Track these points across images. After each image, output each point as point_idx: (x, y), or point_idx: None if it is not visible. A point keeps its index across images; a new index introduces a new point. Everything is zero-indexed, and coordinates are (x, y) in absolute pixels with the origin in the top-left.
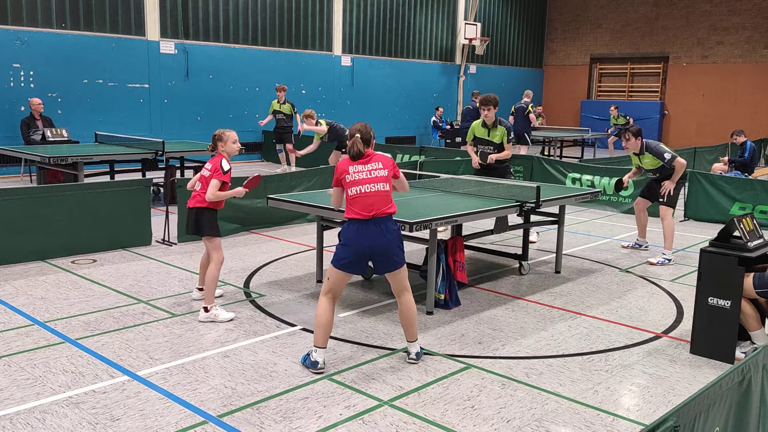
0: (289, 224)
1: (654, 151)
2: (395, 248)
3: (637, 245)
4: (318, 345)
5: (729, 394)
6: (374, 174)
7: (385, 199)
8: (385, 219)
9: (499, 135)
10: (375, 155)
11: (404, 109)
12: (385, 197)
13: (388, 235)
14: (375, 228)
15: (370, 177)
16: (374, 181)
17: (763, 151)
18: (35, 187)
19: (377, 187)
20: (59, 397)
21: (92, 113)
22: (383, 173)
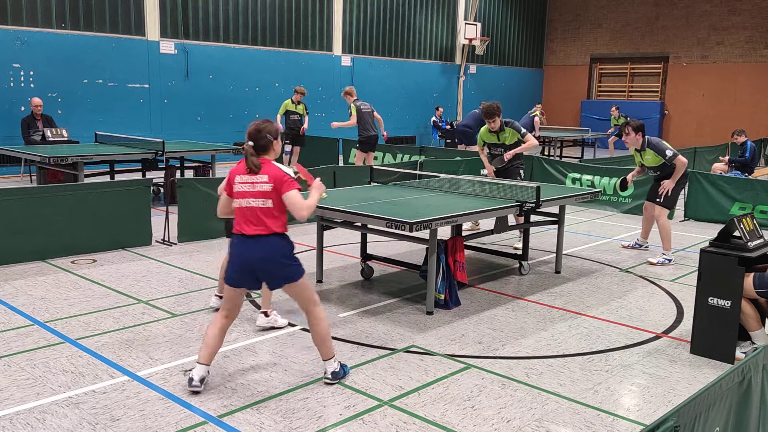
0: (289, 224)
1: (656, 147)
2: (280, 263)
3: (637, 245)
4: (200, 361)
5: (729, 394)
6: (257, 188)
7: (268, 217)
8: (268, 237)
9: (509, 136)
10: (267, 166)
11: (404, 109)
12: (268, 214)
13: (270, 249)
14: (255, 244)
15: (253, 191)
16: (255, 196)
17: (763, 151)
18: (35, 187)
19: (257, 203)
20: (59, 398)
21: (92, 113)
22: (266, 188)
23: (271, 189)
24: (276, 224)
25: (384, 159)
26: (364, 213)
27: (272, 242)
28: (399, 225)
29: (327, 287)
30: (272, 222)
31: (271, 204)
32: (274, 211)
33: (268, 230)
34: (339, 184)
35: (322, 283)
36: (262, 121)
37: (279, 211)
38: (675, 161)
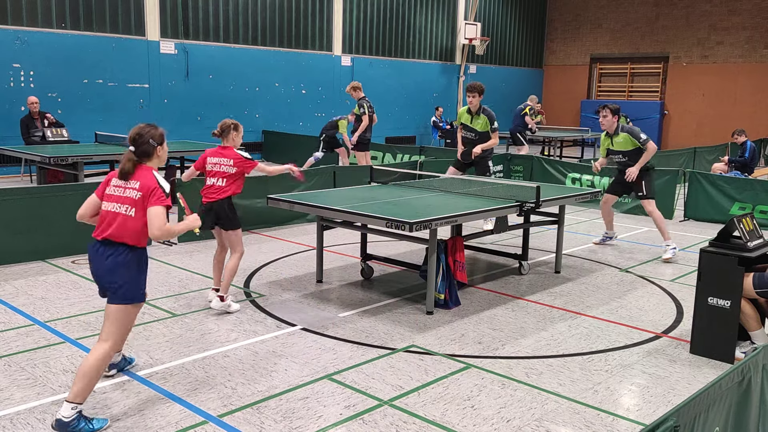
0: (289, 224)
1: (631, 131)
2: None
3: (606, 238)
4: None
5: (729, 394)
6: (126, 193)
7: (126, 226)
8: (117, 245)
9: (481, 123)
10: (142, 172)
11: (404, 109)
12: (126, 223)
13: (111, 259)
14: (102, 249)
15: (122, 196)
16: (122, 201)
17: (763, 151)
18: (35, 187)
19: (122, 209)
20: (59, 397)
21: (92, 113)
22: (134, 195)
23: (139, 198)
24: (131, 238)
25: (384, 159)
26: (364, 213)
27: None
28: (399, 225)
29: (327, 287)
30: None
31: (133, 213)
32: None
33: (118, 239)
34: (339, 184)
35: (322, 283)
36: (146, 125)
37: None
38: (648, 144)
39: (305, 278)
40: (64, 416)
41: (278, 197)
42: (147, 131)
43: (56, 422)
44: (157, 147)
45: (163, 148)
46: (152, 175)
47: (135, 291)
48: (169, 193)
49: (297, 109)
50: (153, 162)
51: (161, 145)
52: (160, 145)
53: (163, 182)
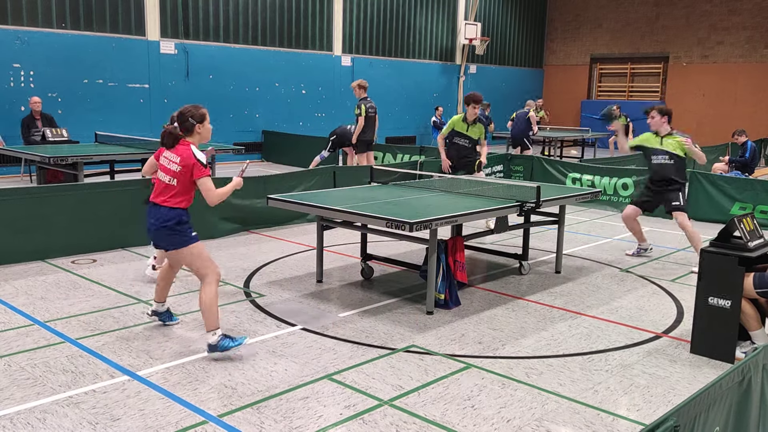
0: (289, 224)
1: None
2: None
3: (641, 251)
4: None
5: (729, 394)
6: (168, 166)
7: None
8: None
9: (477, 131)
10: (181, 147)
11: (404, 109)
12: (169, 190)
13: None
14: (155, 211)
15: (165, 167)
16: (165, 172)
17: (763, 151)
18: (35, 187)
19: (166, 179)
20: (59, 397)
21: (92, 113)
22: (175, 168)
23: (179, 170)
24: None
25: (384, 159)
26: (364, 213)
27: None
28: (399, 225)
29: (327, 287)
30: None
31: (175, 182)
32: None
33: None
34: (339, 184)
35: (322, 283)
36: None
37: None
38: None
39: (305, 278)
40: (210, 342)
41: (278, 197)
42: (188, 110)
43: (208, 347)
44: (197, 125)
45: (203, 126)
46: (189, 151)
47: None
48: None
49: (297, 109)
50: (194, 138)
51: (201, 123)
52: (200, 123)
53: (199, 155)
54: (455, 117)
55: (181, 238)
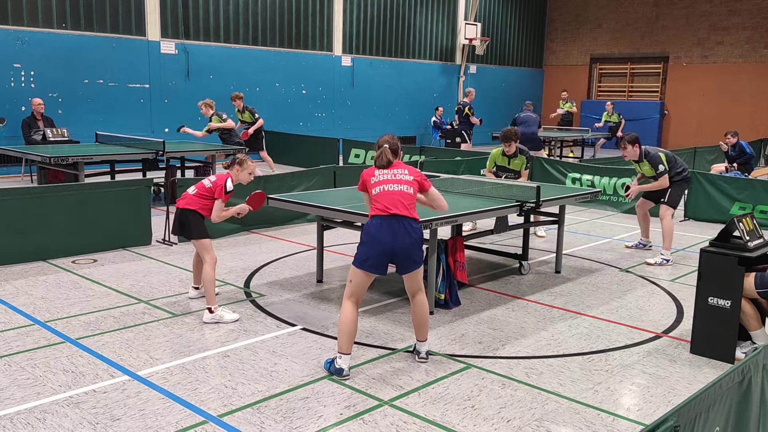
0: (289, 224)
1: (652, 159)
2: (416, 248)
3: (641, 245)
4: (342, 351)
5: (729, 394)
6: (399, 176)
7: (409, 201)
8: (409, 219)
9: (519, 163)
10: (401, 164)
11: (404, 109)
12: (409, 198)
13: (412, 234)
14: (398, 225)
15: (395, 179)
16: (398, 183)
17: (763, 151)
18: (36, 187)
19: (401, 187)
20: (60, 397)
21: (93, 113)
22: (408, 177)
23: (413, 179)
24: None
25: None
26: (364, 213)
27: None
28: None
29: (327, 287)
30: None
31: (412, 191)
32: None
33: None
34: (339, 183)
35: (323, 282)
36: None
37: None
38: (660, 178)
39: (305, 278)
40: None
41: (278, 197)
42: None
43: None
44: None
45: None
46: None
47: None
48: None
49: (297, 110)
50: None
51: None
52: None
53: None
54: (494, 151)
55: None
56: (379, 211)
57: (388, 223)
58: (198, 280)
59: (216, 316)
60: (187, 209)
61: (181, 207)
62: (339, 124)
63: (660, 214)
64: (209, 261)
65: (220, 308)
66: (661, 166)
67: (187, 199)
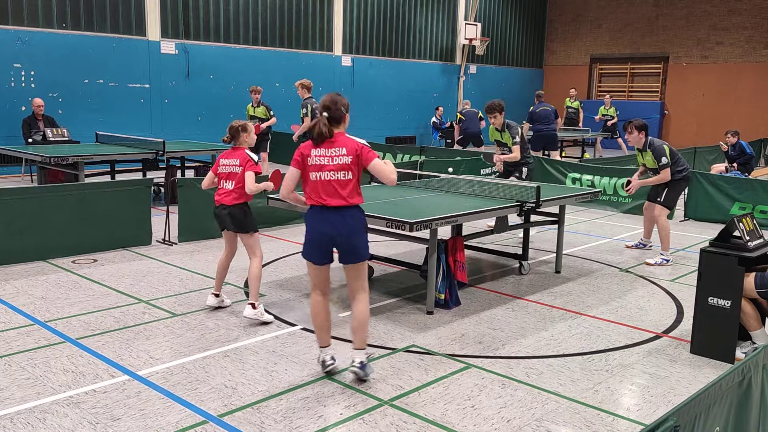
0: (289, 224)
1: (655, 150)
2: (357, 237)
3: (641, 245)
4: (321, 345)
5: (729, 394)
6: (336, 160)
7: (347, 188)
8: (347, 208)
9: (507, 137)
10: (341, 139)
11: (404, 109)
12: (347, 186)
13: (350, 221)
14: (336, 216)
15: (331, 164)
16: (334, 169)
17: (763, 151)
18: (36, 187)
19: (337, 175)
20: (60, 397)
21: (93, 113)
22: (346, 159)
23: (351, 161)
24: (356, 198)
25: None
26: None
27: (355, 216)
28: (399, 225)
29: None
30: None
31: (350, 176)
32: (352, 183)
33: (347, 203)
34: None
35: None
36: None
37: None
38: (662, 171)
39: (305, 278)
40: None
41: (278, 197)
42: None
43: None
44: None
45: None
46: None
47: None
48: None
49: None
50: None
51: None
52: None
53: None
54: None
55: None
56: (315, 202)
57: (325, 215)
58: (219, 287)
59: (258, 312)
60: (237, 204)
61: (230, 203)
62: None
63: (655, 214)
64: (259, 256)
65: (261, 306)
66: (664, 158)
67: (233, 194)
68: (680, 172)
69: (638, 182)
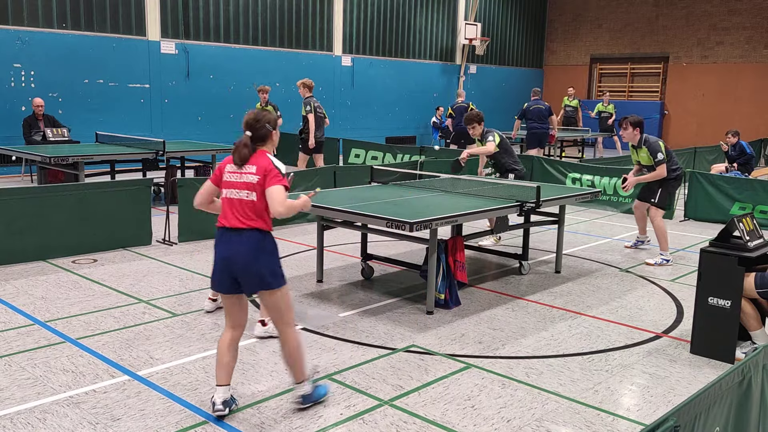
0: (289, 224)
1: (650, 147)
2: (255, 263)
3: (638, 243)
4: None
5: (729, 394)
6: (244, 178)
7: (250, 210)
8: (248, 231)
9: None
10: (257, 157)
11: (404, 109)
12: (250, 207)
13: (249, 245)
14: (235, 238)
15: (239, 181)
16: (241, 187)
17: (763, 151)
18: (36, 186)
19: (241, 194)
20: (60, 397)
21: (93, 113)
22: (253, 179)
23: (257, 181)
24: (260, 222)
25: (384, 159)
26: (364, 213)
27: (257, 239)
28: (399, 225)
29: (327, 287)
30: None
31: (255, 197)
32: (258, 205)
33: (248, 225)
34: (339, 183)
35: (323, 282)
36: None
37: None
38: (658, 167)
39: (305, 278)
40: (306, 392)
41: None
42: (262, 116)
43: (302, 398)
44: (273, 131)
45: (276, 133)
46: (267, 157)
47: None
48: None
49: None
50: (268, 146)
51: (275, 129)
52: (275, 130)
53: (278, 163)
54: None
55: None
56: (219, 223)
57: (226, 236)
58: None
59: (269, 329)
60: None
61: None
62: (339, 124)
63: (650, 215)
64: None
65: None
66: (659, 154)
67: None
68: (674, 171)
69: (634, 179)
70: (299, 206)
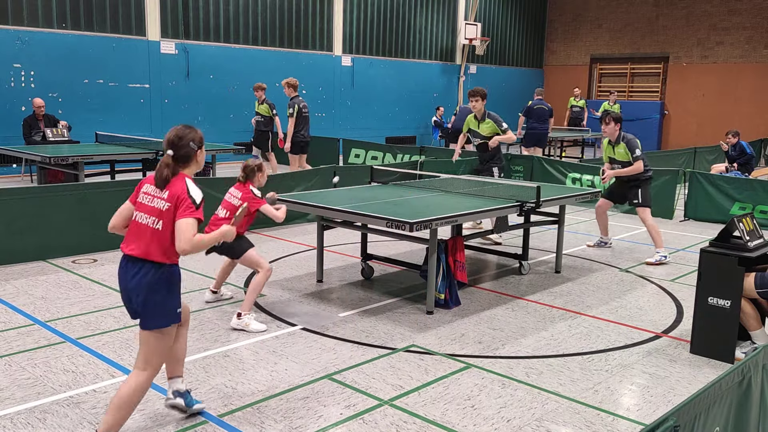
0: (289, 224)
1: (629, 143)
2: (140, 297)
3: (602, 243)
4: None
5: (729, 394)
6: (155, 203)
7: (151, 239)
8: (149, 264)
9: (487, 128)
10: (175, 182)
11: (404, 109)
12: (153, 236)
13: (139, 277)
14: (131, 266)
15: (150, 205)
16: (150, 212)
17: (763, 151)
18: (36, 187)
19: (148, 220)
20: (60, 397)
21: (93, 113)
22: (162, 205)
23: (166, 209)
24: (158, 255)
25: (384, 159)
26: (364, 213)
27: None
28: (399, 225)
29: (327, 287)
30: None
31: (160, 226)
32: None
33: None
34: (339, 183)
35: (323, 282)
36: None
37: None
38: (635, 162)
39: (305, 278)
40: None
41: (278, 197)
42: (186, 133)
43: None
44: (197, 151)
45: (202, 153)
46: (186, 183)
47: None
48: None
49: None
50: (191, 168)
51: (201, 148)
52: (200, 149)
53: (194, 191)
54: (470, 115)
55: None
56: (121, 247)
57: (123, 263)
58: (219, 285)
59: (242, 322)
60: None
61: None
62: (339, 124)
63: (640, 217)
64: (266, 267)
65: (248, 316)
66: (637, 150)
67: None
68: (647, 171)
69: (612, 172)
70: (211, 242)
